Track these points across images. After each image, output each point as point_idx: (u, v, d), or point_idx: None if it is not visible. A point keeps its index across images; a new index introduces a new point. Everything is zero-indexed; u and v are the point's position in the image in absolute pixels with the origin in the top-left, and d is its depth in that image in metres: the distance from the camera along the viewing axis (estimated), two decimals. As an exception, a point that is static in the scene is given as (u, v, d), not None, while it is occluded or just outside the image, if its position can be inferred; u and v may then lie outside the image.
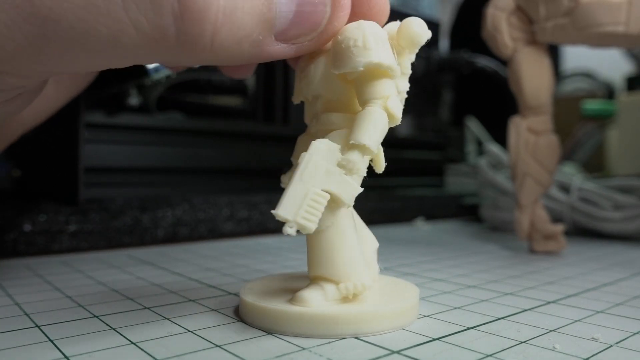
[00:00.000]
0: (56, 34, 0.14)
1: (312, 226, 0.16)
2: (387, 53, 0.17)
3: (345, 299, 0.17)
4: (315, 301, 0.17)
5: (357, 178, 0.17)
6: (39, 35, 0.14)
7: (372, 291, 0.19)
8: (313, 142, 0.17)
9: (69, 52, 0.14)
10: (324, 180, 0.16)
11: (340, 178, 0.16)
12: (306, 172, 0.16)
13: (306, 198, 0.16)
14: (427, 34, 0.18)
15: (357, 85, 0.17)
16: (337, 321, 0.17)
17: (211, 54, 0.15)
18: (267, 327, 0.17)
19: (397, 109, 0.17)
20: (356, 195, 0.17)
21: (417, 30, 0.17)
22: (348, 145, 0.17)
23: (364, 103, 0.17)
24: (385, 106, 0.17)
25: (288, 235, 0.15)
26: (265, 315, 0.17)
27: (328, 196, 0.16)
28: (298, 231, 0.16)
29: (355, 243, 0.18)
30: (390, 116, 0.17)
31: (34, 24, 0.14)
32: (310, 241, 0.18)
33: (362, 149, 0.16)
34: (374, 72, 0.17)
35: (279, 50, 0.16)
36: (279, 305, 0.17)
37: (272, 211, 0.16)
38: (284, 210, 0.16)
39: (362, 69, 0.16)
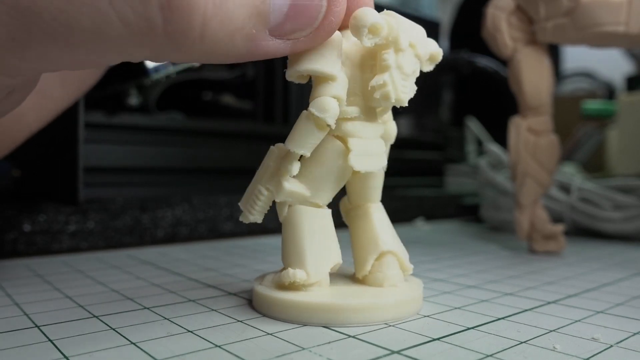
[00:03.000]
0: (38, 27, 0.13)
1: (250, 216, 0.19)
2: (309, 59, 0.17)
3: (282, 286, 0.19)
4: (266, 282, 0.20)
5: (290, 178, 0.18)
6: (22, 28, 0.13)
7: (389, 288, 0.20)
8: (271, 146, 0.19)
9: (54, 47, 0.14)
10: (268, 179, 0.19)
11: (277, 178, 0.19)
12: (259, 173, 0.19)
13: (251, 194, 0.19)
14: (363, 20, 0.17)
15: None
16: (340, 309, 0.18)
17: (202, 46, 0.15)
18: (270, 314, 0.19)
19: (320, 111, 0.17)
20: (284, 193, 0.18)
21: (352, 22, 0.17)
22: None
23: None
24: (307, 110, 0.17)
25: (242, 221, 0.19)
26: (268, 302, 0.19)
27: (266, 193, 0.19)
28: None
29: (309, 237, 0.18)
30: (314, 119, 0.17)
31: (16, 16, 0.13)
32: None
33: (287, 152, 0.18)
34: (315, 79, 0.18)
35: (273, 46, 0.16)
36: (272, 292, 0.19)
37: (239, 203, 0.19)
38: (241, 201, 0.19)
39: (290, 79, 0.18)
